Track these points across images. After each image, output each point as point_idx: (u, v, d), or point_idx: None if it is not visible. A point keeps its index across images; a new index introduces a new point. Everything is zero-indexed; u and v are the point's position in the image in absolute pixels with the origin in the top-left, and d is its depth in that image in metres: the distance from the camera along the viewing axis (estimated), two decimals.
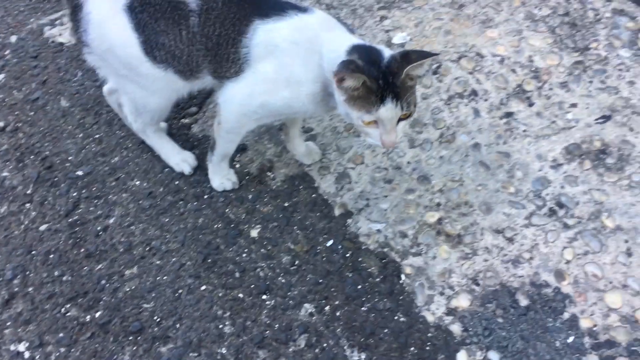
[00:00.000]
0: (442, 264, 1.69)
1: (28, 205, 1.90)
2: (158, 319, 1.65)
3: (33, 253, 1.80)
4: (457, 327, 1.59)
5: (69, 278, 1.75)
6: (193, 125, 2.07)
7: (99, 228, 1.83)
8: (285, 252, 1.75)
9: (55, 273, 1.76)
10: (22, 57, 2.31)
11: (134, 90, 1.69)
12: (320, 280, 1.69)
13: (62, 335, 1.64)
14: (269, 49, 1.50)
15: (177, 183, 1.91)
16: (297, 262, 1.73)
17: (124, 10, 1.53)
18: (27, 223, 1.86)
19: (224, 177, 1.87)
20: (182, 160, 1.92)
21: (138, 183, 1.93)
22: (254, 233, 1.80)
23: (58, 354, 1.61)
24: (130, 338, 1.63)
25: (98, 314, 1.68)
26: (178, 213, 1.85)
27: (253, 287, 1.69)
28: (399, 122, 1.39)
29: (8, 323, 1.68)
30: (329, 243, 1.76)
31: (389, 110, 1.35)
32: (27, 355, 1.62)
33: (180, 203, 1.87)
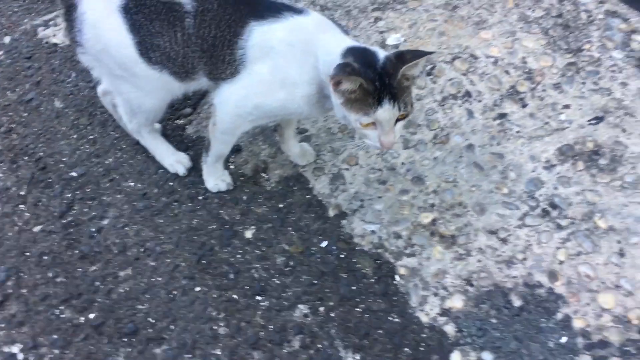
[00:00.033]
0: (436, 265, 1.70)
1: (22, 207, 1.90)
2: (152, 321, 1.65)
3: (27, 254, 1.80)
4: (451, 327, 1.60)
5: (63, 279, 1.74)
6: (187, 126, 2.07)
7: (93, 229, 1.83)
8: (280, 253, 1.76)
9: (49, 274, 1.75)
10: (15, 57, 2.30)
11: (129, 91, 1.68)
12: (315, 281, 1.70)
13: (56, 337, 1.64)
14: (265, 51, 1.50)
15: (171, 184, 1.91)
16: (291, 263, 1.73)
17: (119, 11, 1.53)
18: (20, 224, 1.86)
19: (219, 178, 1.87)
20: (176, 162, 1.92)
21: (132, 184, 1.92)
22: (249, 234, 1.80)
23: (52, 356, 1.61)
24: (125, 339, 1.63)
25: (92, 316, 1.67)
26: (172, 214, 1.85)
27: (247, 288, 1.70)
28: (397, 122, 1.40)
29: (2, 325, 1.67)
30: (324, 244, 1.76)
31: (387, 112, 1.36)
32: (21, 357, 1.61)
33: (175, 204, 1.87)
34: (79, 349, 1.62)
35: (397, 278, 1.69)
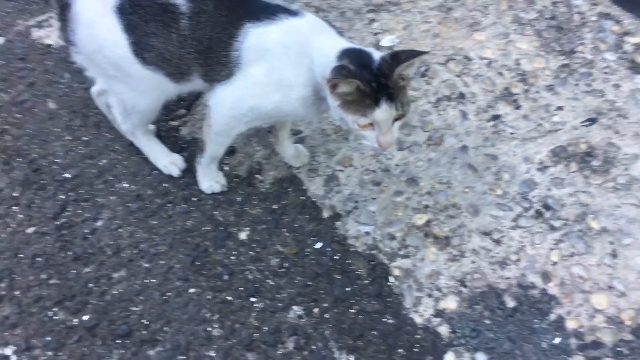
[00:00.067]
0: (430, 266, 1.70)
1: (15, 208, 1.89)
2: (146, 322, 1.65)
3: (20, 256, 1.79)
4: (444, 328, 1.60)
5: (57, 281, 1.74)
6: (182, 128, 2.06)
7: (87, 231, 1.82)
8: (274, 254, 1.76)
9: (43, 276, 1.75)
10: (9, 58, 2.29)
11: (123, 91, 1.68)
12: (309, 283, 1.70)
13: (49, 339, 1.63)
14: (260, 53, 1.50)
15: (165, 185, 1.91)
16: (285, 264, 1.74)
17: (114, 11, 1.53)
18: (14, 226, 1.85)
19: (213, 179, 1.87)
20: (170, 163, 1.92)
21: (126, 186, 1.92)
22: (243, 235, 1.80)
23: (45, 358, 1.60)
24: (118, 341, 1.62)
25: (86, 318, 1.67)
26: (166, 216, 1.85)
27: (242, 289, 1.69)
28: (394, 122, 1.41)
29: None
30: (318, 245, 1.76)
31: (385, 112, 1.36)
32: (14, 359, 1.60)
33: (169, 206, 1.87)
34: (73, 351, 1.61)
35: (391, 279, 1.69)
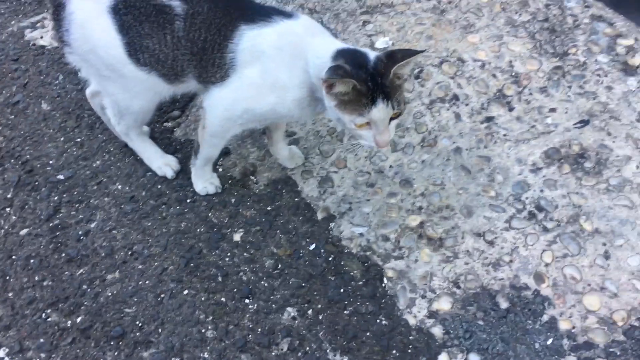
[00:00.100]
0: (423, 267, 1.71)
1: (8, 210, 1.88)
2: (140, 324, 1.65)
3: (13, 258, 1.79)
4: (438, 329, 1.61)
5: (50, 283, 1.73)
6: (176, 129, 2.06)
7: (81, 232, 1.82)
8: (268, 255, 1.76)
9: (36, 278, 1.74)
10: (2, 60, 2.29)
11: (117, 92, 1.68)
12: (303, 284, 1.70)
13: (42, 341, 1.63)
14: (255, 55, 1.51)
15: (159, 187, 1.91)
16: (279, 265, 1.74)
17: (108, 12, 1.53)
18: (7, 228, 1.84)
19: (207, 181, 1.87)
20: (164, 164, 1.92)
21: (120, 187, 1.92)
22: (237, 237, 1.80)
23: None
24: (112, 343, 1.62)
25: (79, 319, 1.66)
26: (160, 217, 1.84)
27: (236, 291, 1.69)
28: (391, 121, 1.41)
29: None
30: (312, 247, 1.77)
31: (381, 111, 1.37)
32: None
33: (163, 207, 1.86)
34: (66, 353, 1.61)
35: (385, 280, 1.70)
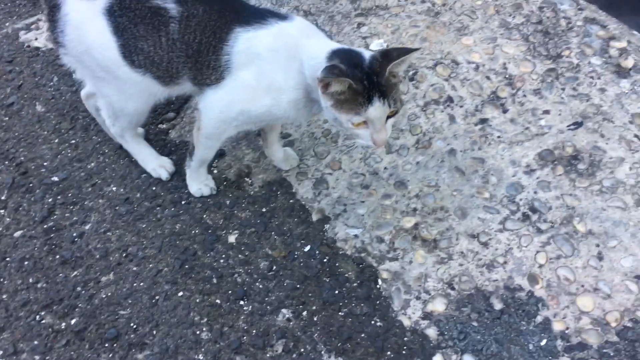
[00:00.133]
0: (418, 269, 1.71)
1: (2, 212, 1.88)
2: (134, 326, 1.64)
3: (7, 260, 1.78)
4: (432, 331, 1.61)
5: (44, 285, 1.73)
6: (171, 131, 2.06)
7: (75, 234, 1.82)
8: (263, 257, 1.76)
9: (30, 280, 1.74)
10: None
11: (112, 94, 1.68)
12: (298, 286, 1.70)
13: (36, 343, 1.63)
14: (250, 57, 1.51)
15: (154, 189, 1.91)
16: (274, 267, 1.74)
17: (103, 14, 1.53)
18: (1, 229, 1.84)
19: (202, 182, 1.87)
20: (159, 166, 1.92)
21: (115, 189, 1.91)
22: (232, 239, 1.80)
23: None
24: (107, 345, 1.62)
25: (73, 321, 1.66)
26: (155, 219, 1.84)
27: (230, 292, 1.69)
28: (387, 119, 1.42)
29: None
30: (307, 248, 1.77)
31: (378, 109, 1.37)
32: None
33: (158, 209, 1.86)
34: (60, 355, 1.60)
35: (379, 282, 1.70)
